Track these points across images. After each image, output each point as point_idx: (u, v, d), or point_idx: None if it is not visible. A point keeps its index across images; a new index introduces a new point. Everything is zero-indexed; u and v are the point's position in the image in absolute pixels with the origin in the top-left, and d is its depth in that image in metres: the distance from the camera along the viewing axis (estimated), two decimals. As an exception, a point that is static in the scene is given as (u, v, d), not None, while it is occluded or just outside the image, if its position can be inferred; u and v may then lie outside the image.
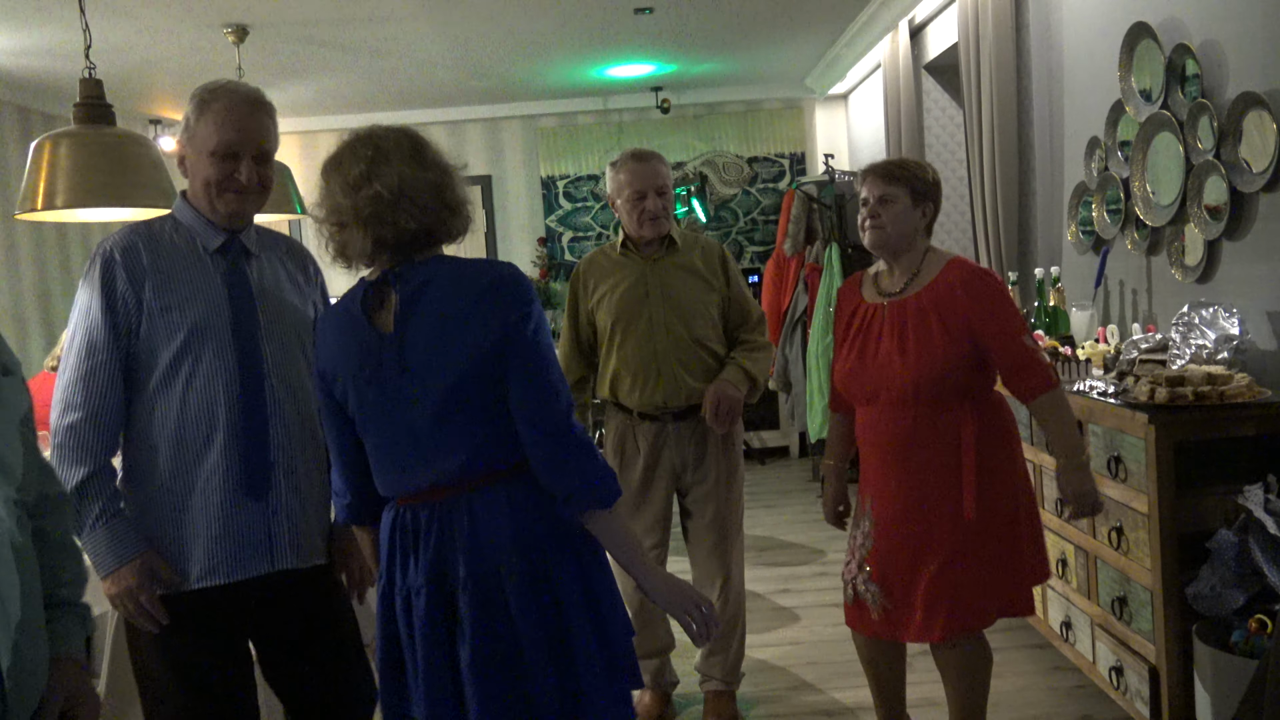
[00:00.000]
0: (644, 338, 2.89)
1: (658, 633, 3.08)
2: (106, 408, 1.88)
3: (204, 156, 1.92)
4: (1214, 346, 2.70)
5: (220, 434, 1.91)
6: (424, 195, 1.69)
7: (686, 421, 2.94)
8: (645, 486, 2.97)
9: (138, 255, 1.92)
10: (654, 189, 2.87)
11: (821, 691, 3.26)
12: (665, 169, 2.93)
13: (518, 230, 7.54)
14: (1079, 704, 3.05)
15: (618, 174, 2.92)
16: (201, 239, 1.97)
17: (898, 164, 2.49)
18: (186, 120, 1.95)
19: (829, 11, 5.32)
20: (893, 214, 2.42)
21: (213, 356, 1.91)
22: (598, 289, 2.97)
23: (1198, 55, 2.91)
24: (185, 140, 1.96)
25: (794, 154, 7.43)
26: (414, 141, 1.74)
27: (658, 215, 2.88)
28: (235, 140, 1.91)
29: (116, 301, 1.89)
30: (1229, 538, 2.33)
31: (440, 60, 5.80)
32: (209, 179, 1.92)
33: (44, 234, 5.85)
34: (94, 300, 1.89)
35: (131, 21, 4.58)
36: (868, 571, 2.44)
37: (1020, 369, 2.34)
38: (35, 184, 2.81)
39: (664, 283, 2.91)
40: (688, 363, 2.90)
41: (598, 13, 5.00)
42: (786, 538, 5.07)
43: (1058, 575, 3.04)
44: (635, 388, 2.91)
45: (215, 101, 1.91)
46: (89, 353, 1.88)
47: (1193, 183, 2.96)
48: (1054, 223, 3.99)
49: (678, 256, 2.95)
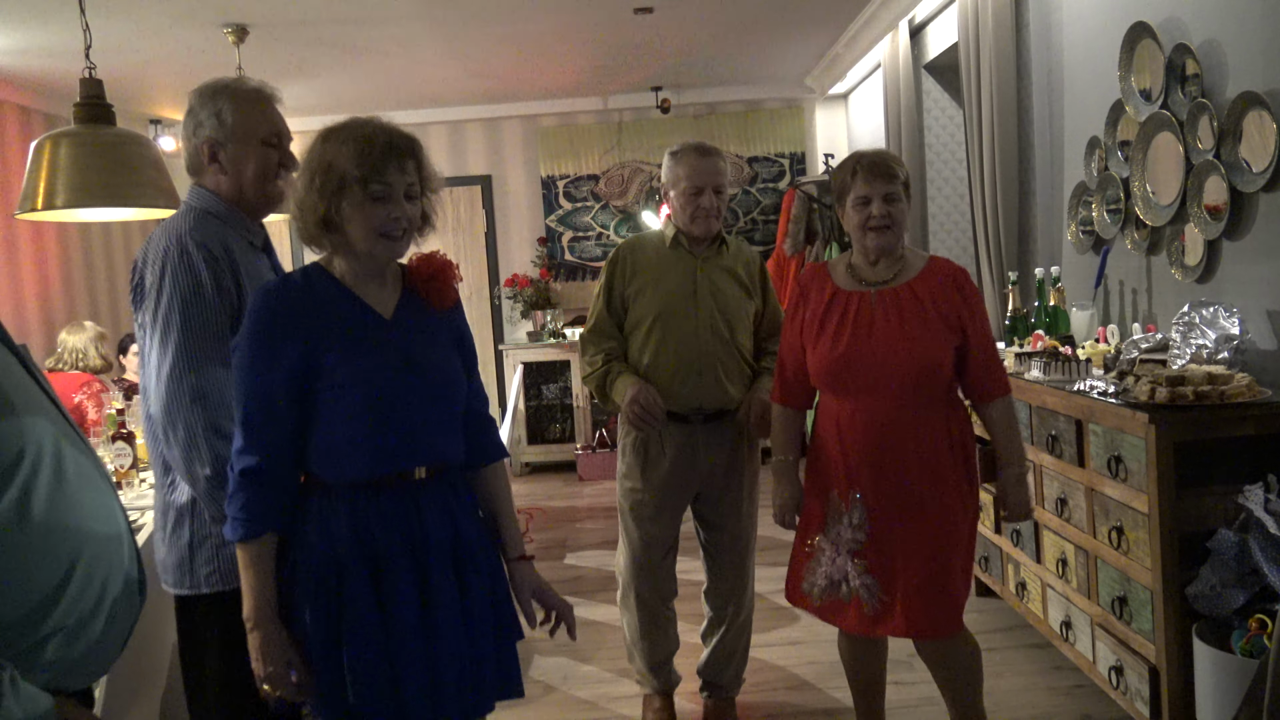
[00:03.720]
0: (688, 336, 2.78)
1: (667, 635, 3.02)
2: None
3: (255, 146, 2.00)
4: (1214, 346, 2.70)
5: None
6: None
7: (715, 425, 2.84)
8: (669, 489, 2.87)
9: (226, 249, 1.99)
10: (712, 186, 2.77)
11: (821, 691, 3.26)
12: (726, 167, 2.82)
13: (518, 230, 7.54)
14: (1079, 704, 3.05)
15: (677, 165, 2.80)
16: (247, 235, 2.06)
17: (893, 159, 2.42)
18: (218, 115, 1.98)
19: (829, 11, 5.32)
20: (899, 214, 2.38)
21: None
22: (637, 276, 2.84)
23: (1198, 55, 2.91)
24: (221, 136, 1.99)
25: (794, 154, 7.43)
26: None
27: (711, 213, 2.78)
28: (279, 128, 2.03)
29: (224, 293, 1.95)
30: (1229, 537, 2.33)
31: (440, 60, 5.80)
32: (267, 167, 2.02)
33: (44, 234, 5.85)
34: (206, 291, 1.97)
35: (131, 21, 4.58)
36: (862, 565, 2.38)
37: (992, 368, 2.40)
38: (35, 184, 2.81)
39: (712, 283, 2.82)
40: (728, 367, 2.81)
41: (598, 13, 5.00)
42: (787, 538, 5.04)
43: (1058, 575, 3.04)
44: (673, 386, 2.79)
45: (257, 94, 2.02)
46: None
47: (1193, 182, 2.96)
48: (1054, 223, 3.99)
49: (726, 259, 2.86)
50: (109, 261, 6.59)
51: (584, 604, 4.21)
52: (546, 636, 2.03)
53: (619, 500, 2.97)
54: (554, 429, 7.17)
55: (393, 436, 1.75)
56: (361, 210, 1.71)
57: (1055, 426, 2.97)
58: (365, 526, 1.75)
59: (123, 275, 6.76)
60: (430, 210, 1.82)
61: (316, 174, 1.71)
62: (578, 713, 3.23)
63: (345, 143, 1.71)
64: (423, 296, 1.86)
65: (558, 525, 5.64)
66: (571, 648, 3.73)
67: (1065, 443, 2.92)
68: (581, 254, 7.50)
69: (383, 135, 1.72)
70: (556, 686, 3.38)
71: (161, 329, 1.88)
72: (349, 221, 1.72)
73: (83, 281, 6.25)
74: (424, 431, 1.79)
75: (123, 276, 6.76)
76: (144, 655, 2.43)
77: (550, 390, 7.21)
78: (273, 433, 1.73)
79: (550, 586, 2.01)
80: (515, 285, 7.33)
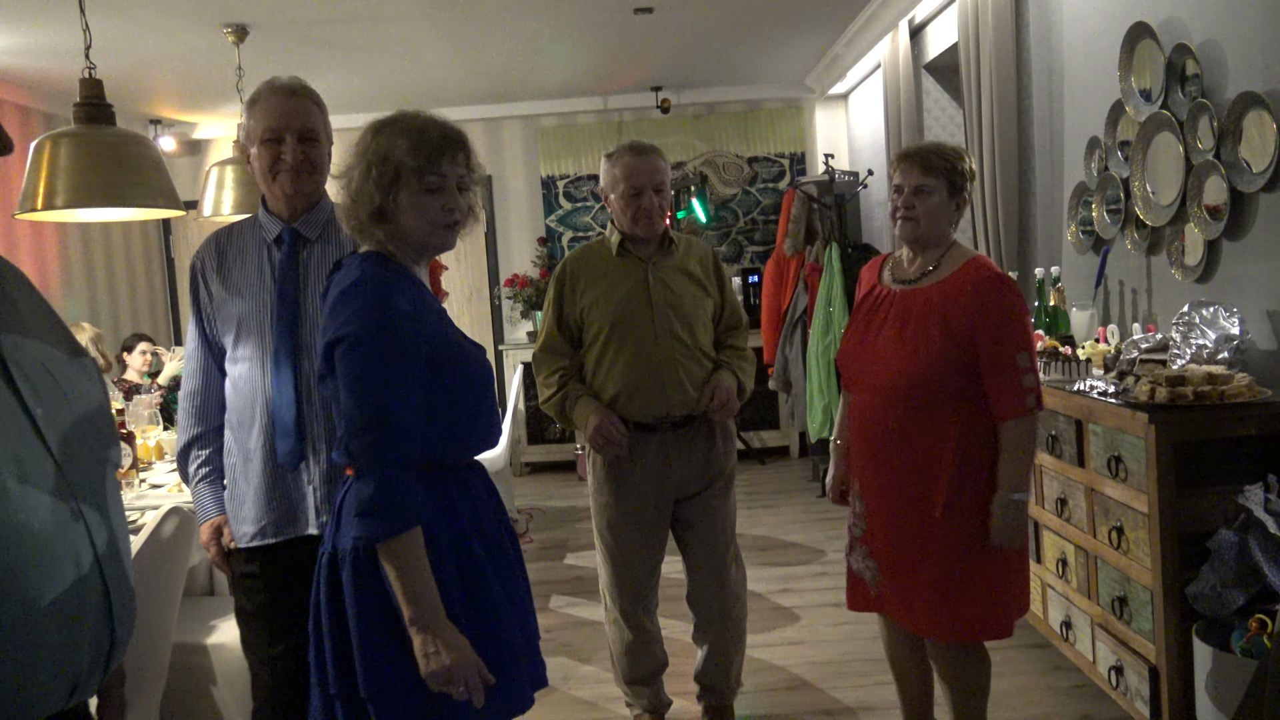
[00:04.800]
0: (646, 344, 2.69)
1: (653, 653, 2.93)
2: (208, 383, 2.24)
3: (256, 147, 2.13)
4: (1214, 346, 2.70)
5: (260, 414, 2.14)
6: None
7: (684, 431, 2.76)
8: (645, 502, 2.78)
9: (212, 252, 2.22)
10: (652, 186, 2.68)
11: (821, 691, 3.26)
12: (664, 164, 2.74)
13: (517, 230, 7.54)
14: (1079, 704, 3.05)
15: (613, 167, 2.72)
16: (265, 231, 2.19)
17: (936, 152, 2.36)
18: (241, 126, 2.18)
19: (829, 11, 5.32)
20: (928, 206, 2.34)
21: (255, 342, 2.14)
22: (588, 290, 2.75)
23: (1198, 55, 2.91)
24: (245, 141, 2.17)
25: (794, 154, 7.43)
26: None
27: (653, 214, 2.69)
28: (275, 124, 2.09)
29: (200, 294, 2.22)
30: (1229, 537, 2.33)
31: (440, 60, 5.80)
32: (264, 167, 2.13)
33: (44, 234, 5.85)
34: (191, 293, 2.24)
35: (131, 21, 4.58)
36: (865, 549, 2.48)
37: (1000, 386, 2.28)
38: (35, 184, 2.81)
39: (665, 286, 2.74)
40: (691, 370, 2.73)
41: (598, 13, 5.00)
42: (786, 538, 5.07)
43: (1058, 575, 3.04)
44: (636, 397, 2.71)
45: (259, 99, 2.12)
46: (192, 336, 2.25)
47: (1193, 182, 2.96)
48: (1054, 223, 3.99)
49: (675, 259, 2.79)
50: (109, 261, 6.59)
51: (584, 604, 4.21)
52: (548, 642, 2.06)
53: (594, 517, 2.87)
54: (554, 429, 7.16)
55: (489, 417, 1.84)
56: (418, 201, 1.73)
57: (1055, 426, 2.97)
58: (474, 504, 1.83)
59: (123, 276, 6.76)
60: (474, 203, 1.85)
61: (373, 165, 1.72)
62: (578, 713, 3.23)
63: (401, 135, 1.72)
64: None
65: (557, 525, 5.64)
66: (572, 648, 3.73)
67: (1065, 443, 2.92)
68: (581, 254, 7.50)
69: (436, 127, 1.75)
70: (556, 686, 3.38)
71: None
72: (404, 212, 1.73)
73: (83, 281, 6.25)
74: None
75: (123, 277, 6.76)
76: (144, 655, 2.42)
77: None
78: (413, 424, 1.71)
79: None
80: (515, 285, 7.33)
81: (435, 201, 1.74)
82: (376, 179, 1.72)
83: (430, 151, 1.72)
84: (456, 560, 1.74)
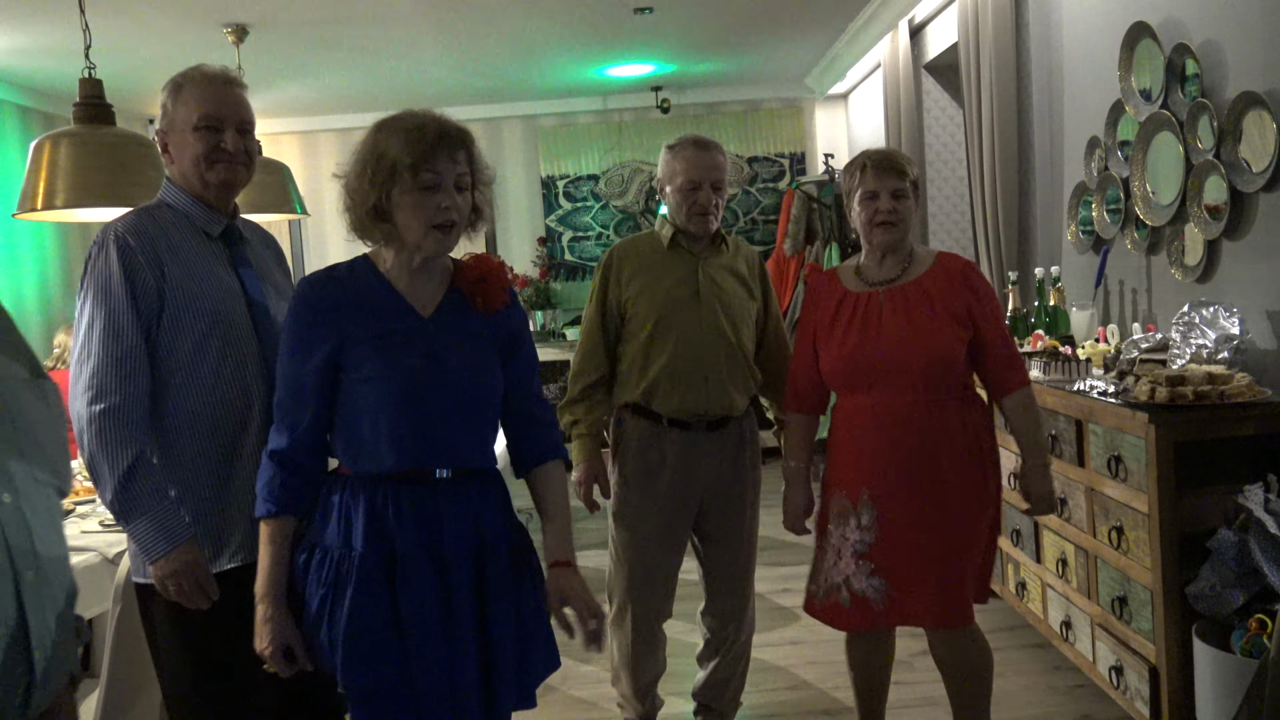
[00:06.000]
0: (691, 340, 2.64)
1: (658, 660, 2.88)
2: (141, 392, 1.87)
3: (188, 134, 1.96)
4: (1214, 346, 2.70)
5: (255, 418, 1.95)
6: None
7: (718, 433, 2.72)
8: (670, 501, 2.72)
9: (151, 241, 1.92)
10: (709, 182, 2.62)
11: (821, 691, 3.26)
12: (725, 161, 2.68)
13: (517, 230, 7.54)
14: (1079, 703, 3.05)
15: (673, 159, 2.65)
16: (202, 224, 2.00)
17: (902, 157, 2.44)
18: (164, 108, 2.00)
19: (829, 11, 5.32)
20: (906, 210, 2.40)
21: (238, 343, 1.96)
22: (634, 279, 2.68)
23: (1198, 55, 2.91)
24: (166, 126, 2.00)
25: (794, 154, 7.43)
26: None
27: (709, 210, 2.63)
28: (215, 111, 1.96)
29: (138, 287, 1.88)
30: (1229, 537, 2.33)
31: (440, 60, 5.80)
32: (197, 154, 1.96)
33: (44, 234, 5.85)
34: (115, 284, 1.87)
35: (131, 21, 4.58)
36: (868, 566, 2.39)
37: (1009, 360, 2.41)
38: (35, 184, 2.81)
39: (714, 283, 2.68)
40: (733, 371, 2.68)
41: (598, 13, 5.00)
42: (786, 538, 5.05)
43: (1058, 575, 3.04)
44: (675, 392, 2.65)
45: (189, 82, 1.98)
46: (115, 337, 1.86)
47: (1193, 182, 2.96)
48: (1054, 223, 3.99)
49: (726, 258, 2.73)
50: (109, 261, 6.58)
51: (584, 604, 4.20)
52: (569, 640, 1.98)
53: (612, 515, 2.82)
54: (554, 429, 7.17)
55: (412, 434, 1.74)
56: (412, 199, 1.70)
57: (1055, 426, 2.97)
58: (381, 521, 1.74)
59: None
60: (482, 203, 1.81)
61: (368, 163, 1.71)
62: (578, 713, 3.23)
63: (396, 132, 1.71)
64: (468, 296, 1.84)
65: (558, 525, 5.62)
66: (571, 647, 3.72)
67: (1065, 442, 2.92)
68: (581, 254, 7.50)
69: (434, 124, 1.73)
70: (556, 686, 3.38)
71: (81, 320, 1.91)
72: (399, 210, 1.71)
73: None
74: (446, 432, 1.77)
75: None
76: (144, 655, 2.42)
77: (550, 390, 7.20)
78: (299, 419, 1.76)
79: (584, 592, 1.94)
80: (515, 285, 7.33)
81: (430, 200, 1.71)
82: (372, 176, 1.71)
83: (425, 148, 1.69)
84: (327, 567, 1.74)
